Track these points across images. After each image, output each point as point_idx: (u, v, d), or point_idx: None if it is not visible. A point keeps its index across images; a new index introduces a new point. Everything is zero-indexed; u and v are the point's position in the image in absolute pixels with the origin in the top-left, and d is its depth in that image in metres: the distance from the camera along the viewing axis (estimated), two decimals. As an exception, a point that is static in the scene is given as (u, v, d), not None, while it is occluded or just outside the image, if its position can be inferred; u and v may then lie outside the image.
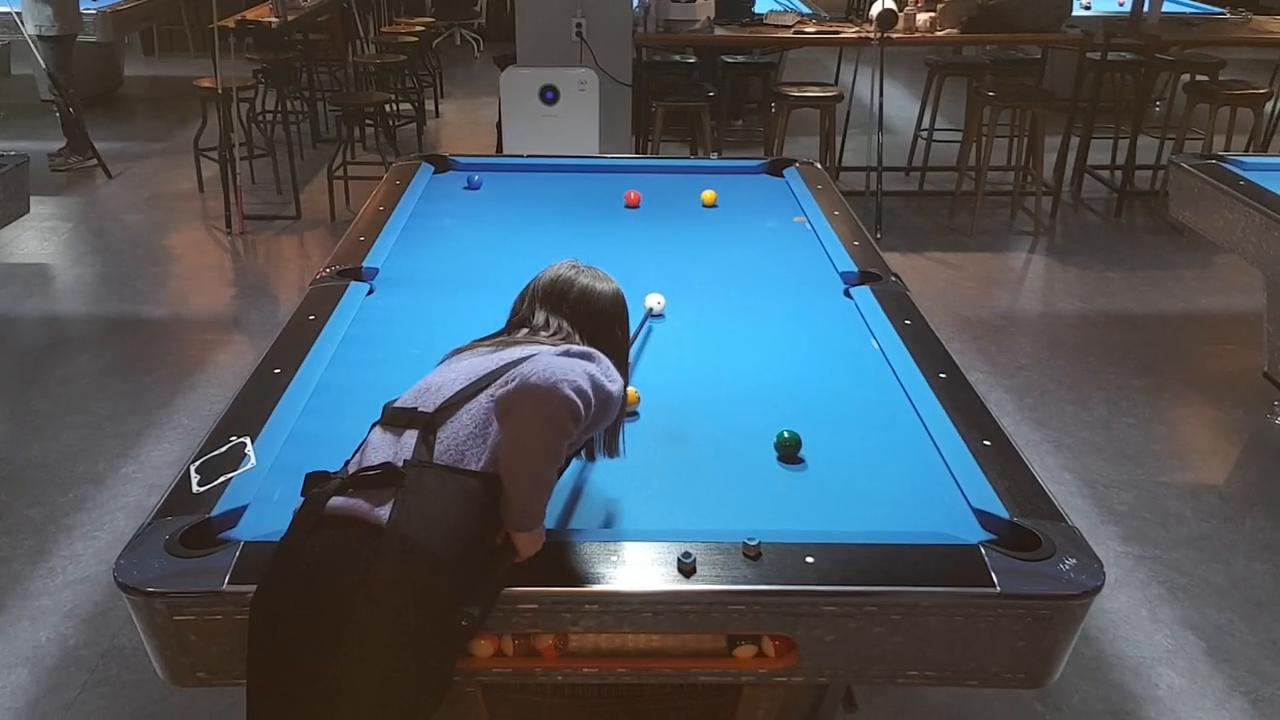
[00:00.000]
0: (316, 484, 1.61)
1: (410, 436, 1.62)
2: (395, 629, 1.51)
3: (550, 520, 1.76)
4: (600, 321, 1.84)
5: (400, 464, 1.58)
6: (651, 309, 2.60)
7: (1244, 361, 4.43)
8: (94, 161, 6.54)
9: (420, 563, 1.51)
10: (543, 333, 1.80)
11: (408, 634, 1.52)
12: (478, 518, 1.56)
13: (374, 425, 1.71)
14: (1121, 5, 7.31)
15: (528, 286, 1.91)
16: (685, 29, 5.85)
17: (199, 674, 1.64)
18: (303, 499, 1.60)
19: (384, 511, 1.52)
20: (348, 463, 1.69)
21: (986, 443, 1.98)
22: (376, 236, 2.99)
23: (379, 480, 1.57)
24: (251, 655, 1.55)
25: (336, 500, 1.57)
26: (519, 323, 1.87)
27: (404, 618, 1.51)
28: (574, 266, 1.90)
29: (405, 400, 1.71)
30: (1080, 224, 6.15)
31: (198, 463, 1.87)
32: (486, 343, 1.82)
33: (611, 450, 1.86)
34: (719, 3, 6.03)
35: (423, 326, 2.52)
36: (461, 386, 1.66)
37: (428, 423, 1.62)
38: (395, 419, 1.67)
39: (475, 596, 1.53)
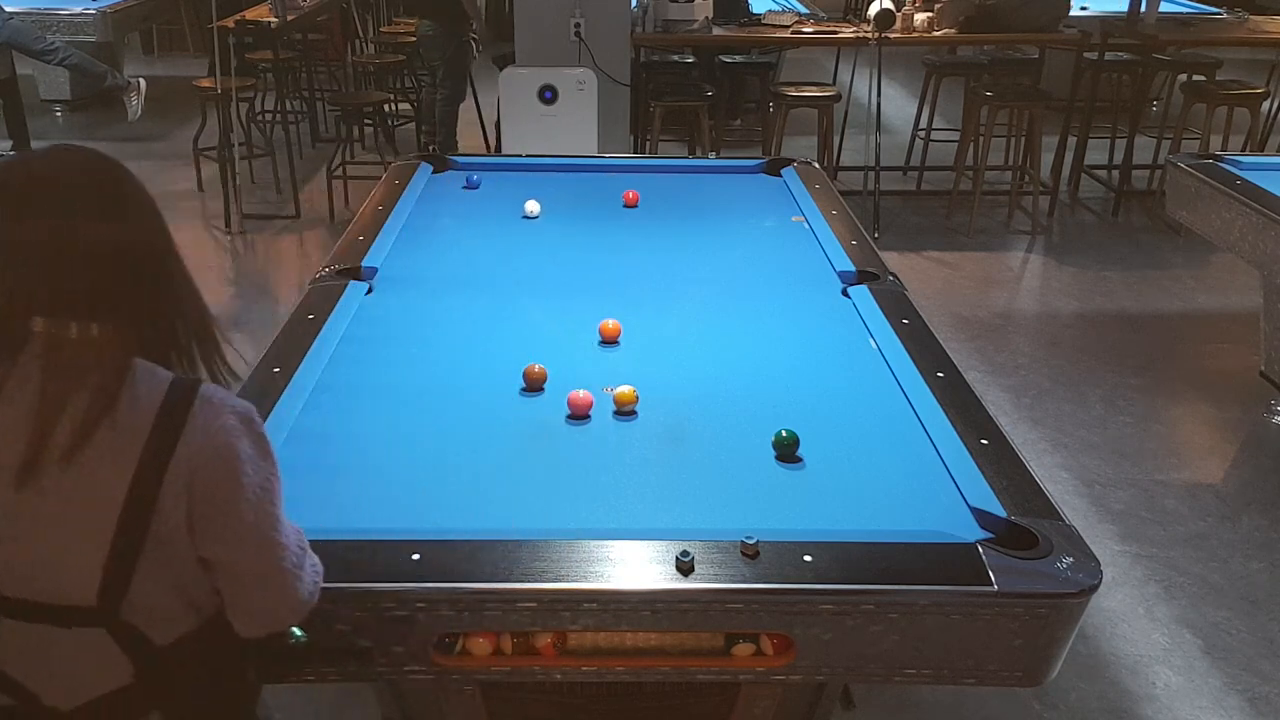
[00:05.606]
0: None
1: (95, 636, 1.25)
2: None
3: (549, 518, 1.77)
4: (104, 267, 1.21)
5: (129, 680, 1.29)
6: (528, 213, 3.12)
7: (1240, 360, 4.44)
8: (127, 81, 6.41)
9: None
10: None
11: None
12: (238, 666, 1.42)
13: None
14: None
15: None
16: (683, 29, 5.85)
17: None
18: None
19: None
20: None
21: (984, 441, 1.99)
22: (375, 236, 2.99)
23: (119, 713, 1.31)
24: None
25: None
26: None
27: None
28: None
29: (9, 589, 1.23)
30: (1077, 223, 6.16)
31: (197, 462, 1.87)
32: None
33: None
34: (717, 3, 6.04)
35: (421, 326, 2.53)
36: (103, 563, 1.20)
37: (111, 620, 1.24)
38: (33, 616, 1.24)
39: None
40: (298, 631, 1.43)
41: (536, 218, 3.20)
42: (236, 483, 1.24)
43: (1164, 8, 6.48)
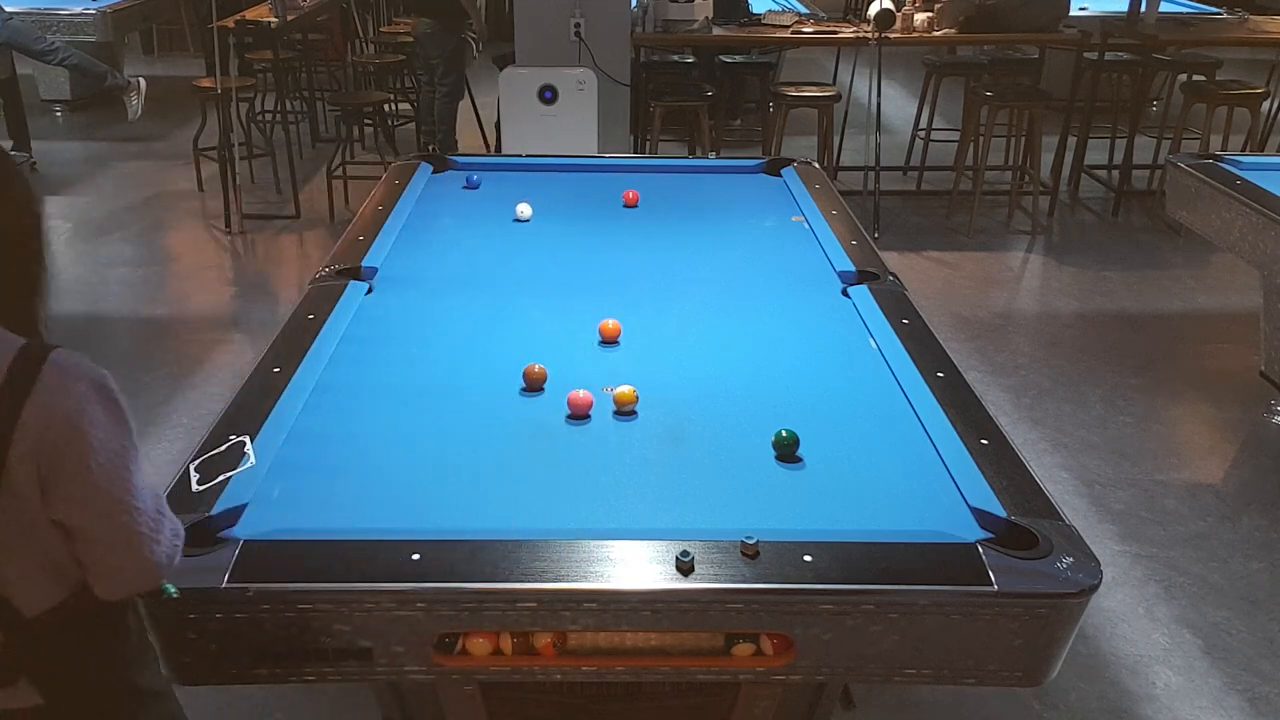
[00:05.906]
0: None
1: None
2: None
3: (549, 518, 1.77)
4: None
5: None
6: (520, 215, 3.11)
7: (1240, 360, 4.44)
8: (127, 81, 6.46)
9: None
10: None
11: None
12: (111, 636, 1.44)
13: None
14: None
15: None
16: (683, 29, 5.86)
17: (198, 671, 1.64)
18: None
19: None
20: None
21: (984, 441, 1.99)
22: (375, 236, 2.99)
23: None
24: None
25: None
26: None
27: None
28: None
29: None
30: (1077, 223, 6.16)
31: (197, 461, 1.87)
32: None
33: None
34: (717, 3, 6.04)
35: (421, 326, 2.53)
36: None
37: None
38: None
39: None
40: (170, 588, 1.45)
41: (528, 220, 3.20)
42: (85, 447, 1.24)
43: (1164, 8, 6.48)
